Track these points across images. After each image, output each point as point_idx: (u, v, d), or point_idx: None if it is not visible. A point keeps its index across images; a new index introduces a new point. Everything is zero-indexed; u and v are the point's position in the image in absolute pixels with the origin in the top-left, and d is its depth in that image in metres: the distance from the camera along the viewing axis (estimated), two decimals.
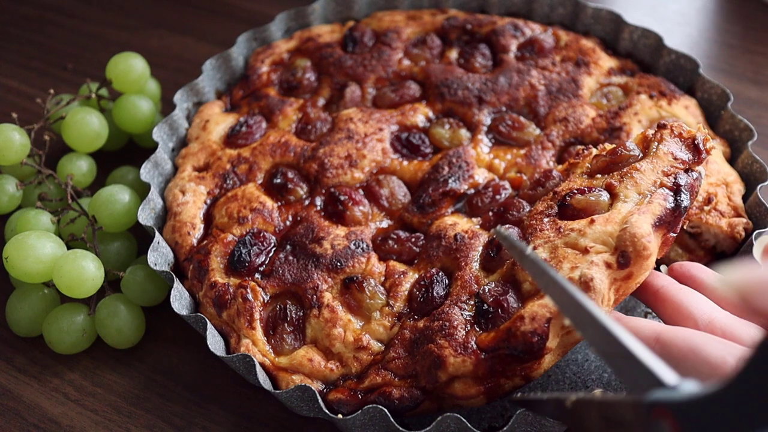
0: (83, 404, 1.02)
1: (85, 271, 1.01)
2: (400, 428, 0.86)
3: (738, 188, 1.08)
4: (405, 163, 1.16)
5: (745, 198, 1.08)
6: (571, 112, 1.18)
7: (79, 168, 1.22)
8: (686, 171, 0.90)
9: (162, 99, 1.40)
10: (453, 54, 1.31)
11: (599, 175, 0.94)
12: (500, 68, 1.26)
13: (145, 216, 1.09)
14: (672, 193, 0.87)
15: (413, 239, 1.06)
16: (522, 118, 1.19)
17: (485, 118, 1.20)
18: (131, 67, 1.27)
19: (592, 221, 0.87)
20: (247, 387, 1.03)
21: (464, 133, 1.19)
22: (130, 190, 1.13)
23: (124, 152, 1.35)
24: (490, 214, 1.04)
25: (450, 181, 1.10)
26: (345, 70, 1.29)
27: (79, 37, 1.63)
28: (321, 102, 1.28)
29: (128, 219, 1.11)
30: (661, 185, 0.87)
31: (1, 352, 1.09)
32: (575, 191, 0.92)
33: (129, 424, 1.00)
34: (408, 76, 1.29)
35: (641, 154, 0.92)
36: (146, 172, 1.14)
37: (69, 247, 1.09)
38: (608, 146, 0.98)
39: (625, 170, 0.90)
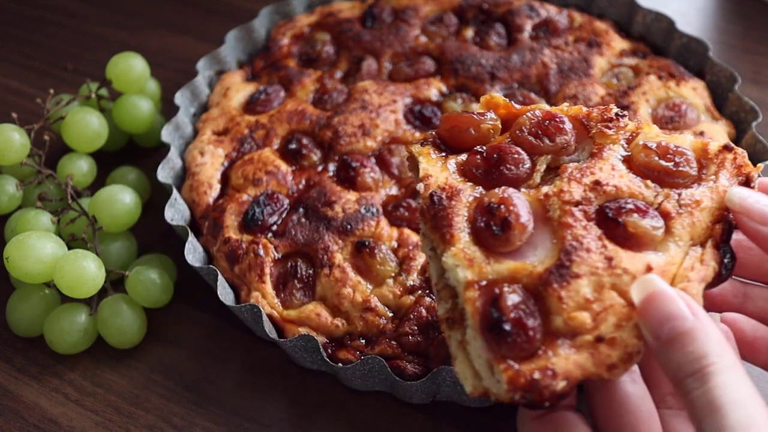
0: (83, 404, 1.01)
1: (86, 271, 1.00)
2: (398, 378, 0.90)
3: None
4: (417, 134, 1.19)
5: None
6: (581, 90, 1.21)
7: (79, 168, 1.20)
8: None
9: (162, 99, 1.38)
10: (469, 32, 1.34)
11: (650, 183, 0.79)
12: (514, 46, 1.29)
13: (165, 174, 1.13)
14: (720, 253, 0.76)
15: None
16: (533, 95, 1.22)
17: (497, 93, 1.22)
18: (131, 67, 1.26)
19: (649, 269, 0.73)
20: (248, 388, 1.02)
21: (476, 107, 1.22)
22: (131, 190, 1.12)
23: (124, 152, 1.34)
24: (477, 157, 0.82)
25: None
26: (363, 45, 1.33)
27: (79, 37, 1.62)
28: (338, 74, 1.31)
29: (128, 219, 1.10)
30: (710, 236, 0.77)
31: (1, 352, 1.07)
32: (630, 206, 0.77)
33: (129, 424, 0.99)
34: (424, 51, 1.32)
35: (696, 172, 0.81)
36: (167, 133, 1.18)
37: (69, 248, 1.07)
38: (648, 123, 0.85)
39: (685, 200, 0.78)
